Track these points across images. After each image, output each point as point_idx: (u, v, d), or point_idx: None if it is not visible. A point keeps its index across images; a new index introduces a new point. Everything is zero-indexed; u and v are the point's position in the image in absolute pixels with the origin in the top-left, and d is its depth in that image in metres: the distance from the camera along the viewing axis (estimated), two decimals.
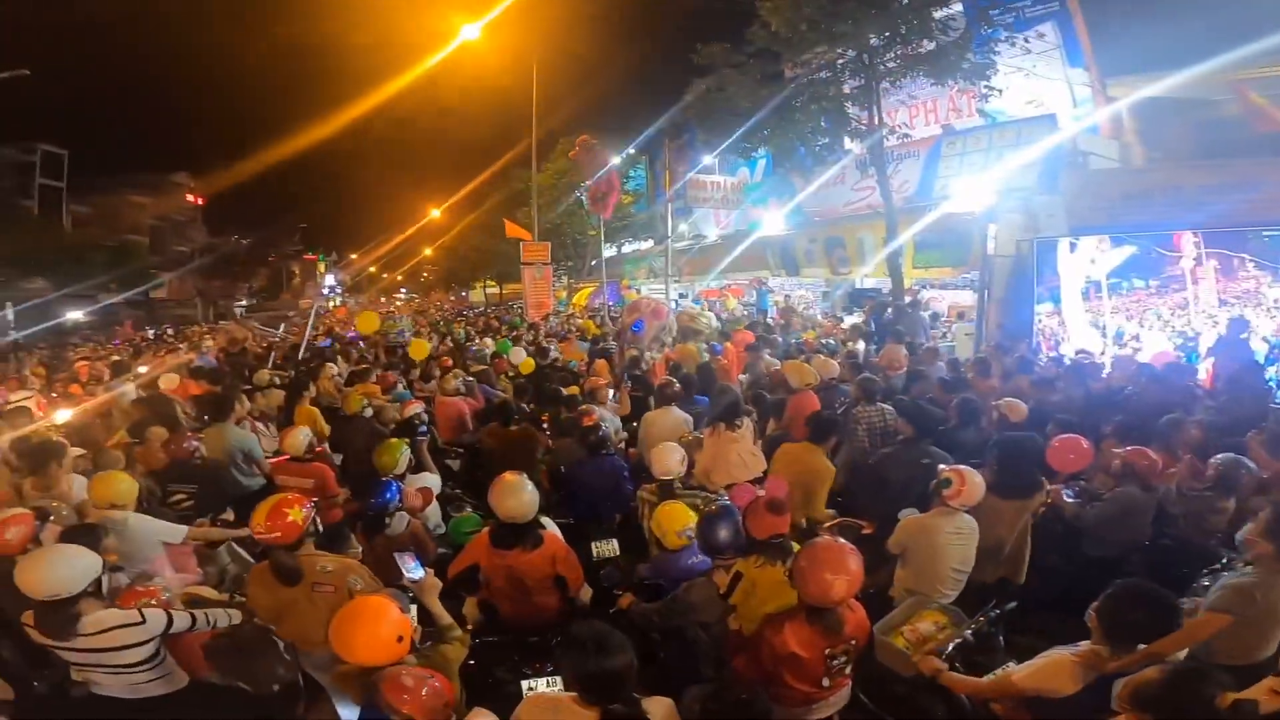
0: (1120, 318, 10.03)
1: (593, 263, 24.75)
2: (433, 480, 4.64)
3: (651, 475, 4.04)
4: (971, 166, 13.03)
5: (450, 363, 8.47)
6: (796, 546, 2.82)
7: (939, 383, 5.83)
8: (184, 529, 3.75)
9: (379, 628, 2.13)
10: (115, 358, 11.47)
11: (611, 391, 6.33)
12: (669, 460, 3.91)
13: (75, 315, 24.10)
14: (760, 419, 5.44)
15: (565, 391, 6.27)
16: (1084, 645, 2.32)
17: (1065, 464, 4.02)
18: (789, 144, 11.89)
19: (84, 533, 3.01)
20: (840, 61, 10.77)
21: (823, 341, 9.19)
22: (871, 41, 10.14)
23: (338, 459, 5.37)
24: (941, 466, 3.43)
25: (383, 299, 50.27)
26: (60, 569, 2.51)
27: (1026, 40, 11.17)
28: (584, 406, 5.36)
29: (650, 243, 25.23)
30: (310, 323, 13.11)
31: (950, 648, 2.71)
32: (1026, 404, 4.77)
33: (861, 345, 8.40)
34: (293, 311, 32.83)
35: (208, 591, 3.43)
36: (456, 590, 3.22)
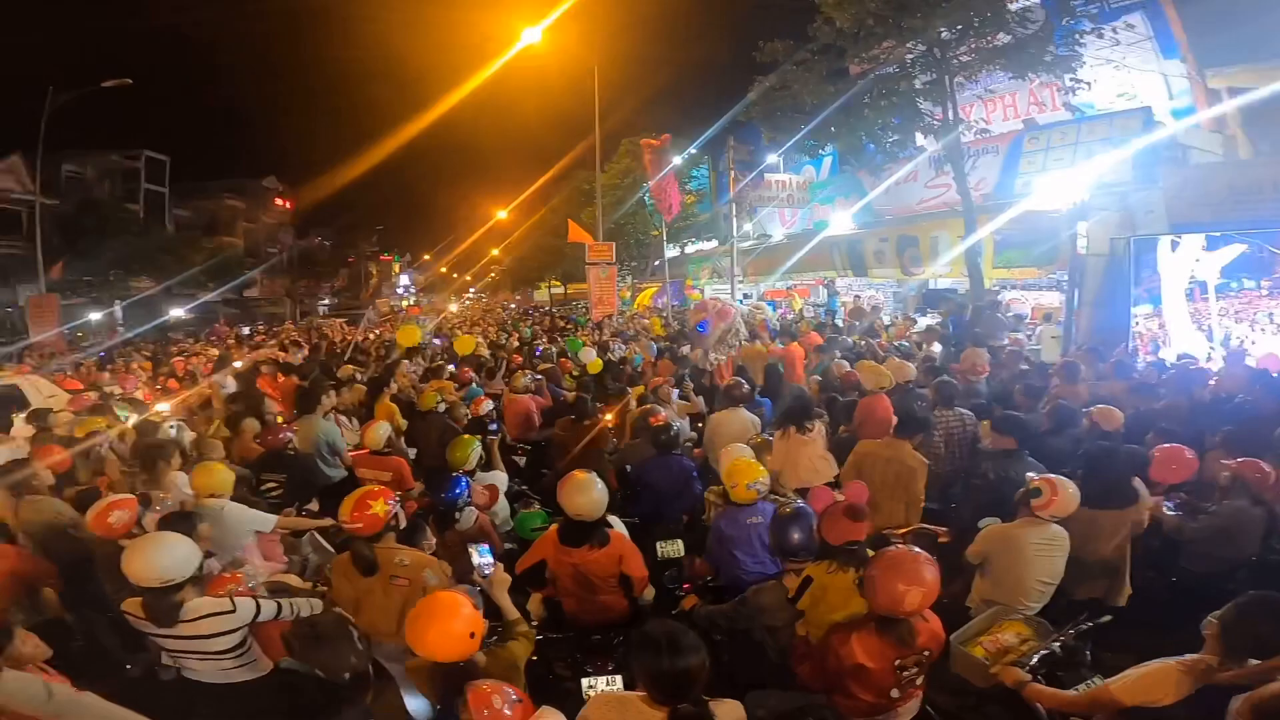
0: (1229, 320, 9.26)
1: (655, 263, 24.80)
2: (501, 478, 4.73)
3: (718, 476, 4.00)
4: (1057, 162, 12.29)
5: (519, 360, 8.67)
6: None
7: (1022, 388, 5.53)
8: (274, 518, 3.92)
9: (452, 623, 2.15)
10: (213, 352, 12.27)
11: (676, 391, 6.33)
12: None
13: (178, 312, 25.93)
14: (830, 422, 5.31)
15: (631, 390, 6.30)
16: (1192, 655, 2.20)
17: (1167, 475, 3.77)
18: (857, 141, 11.56)
19: (181, 519, 3.22)
20: (910, 56, 10.39)
21: (895, 344, 8.89)
22: (942, 35, 9.73)
23: (412, 453, 5.55)
24: (1031, 475, 3.28)
25: (452, 298, 51.91)
26: (166, 556, 2.59)
27: (1115, 31, 10.45)
28: (650, 405, 5.36)
29: (714, 243, 25.06)
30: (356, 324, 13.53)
31: (1035, 659, 2.58)
32: (1124, 411, 4.47)
33: (938, 348, 8.08)
34: (371, 310, 34.33)
35: (293, 579, 3.57)
36: (523, 586, 3.27)
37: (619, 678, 2.94)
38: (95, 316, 22.62)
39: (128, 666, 3.54)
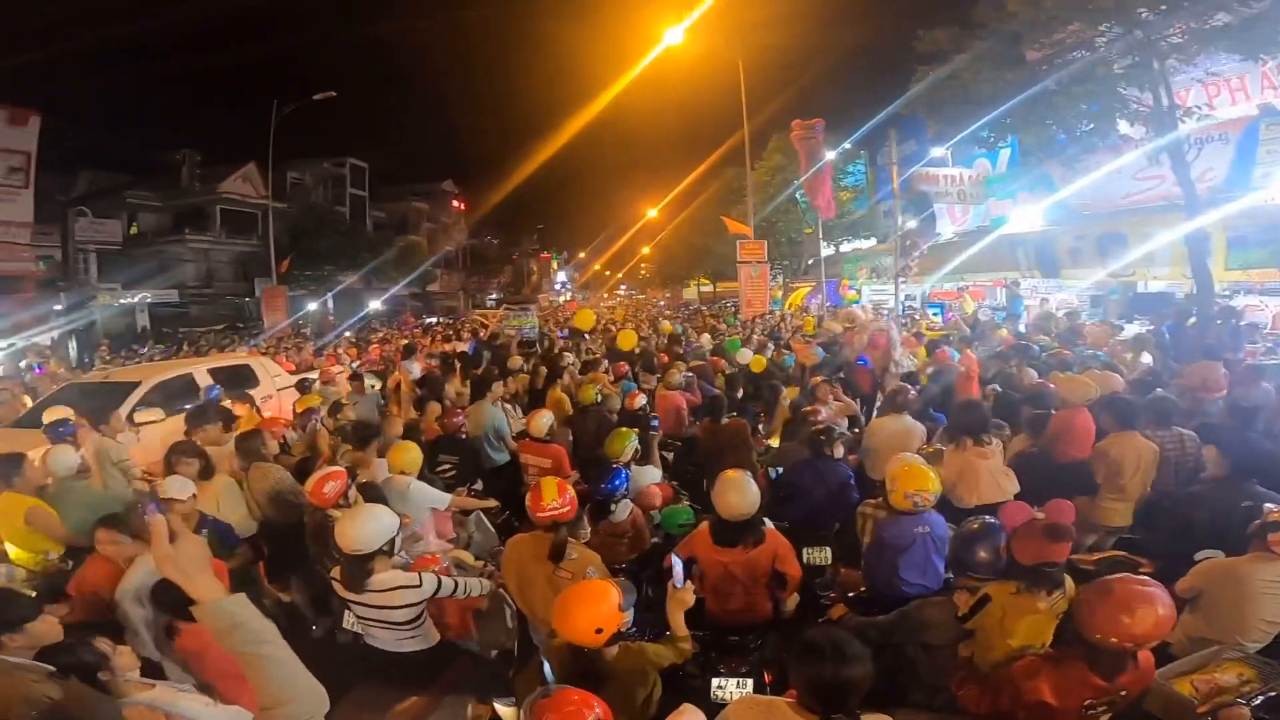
0: None
1: (809, 261, 23.97)
2: (655, 474, 4.77)
3: (876, 486, 3.79)
4: None
5: (667, 358, 8.78)
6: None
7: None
8: (449, 496, 4.25)
9: (585, 610, 2.26)
10: (404, 341, 13.75)
11: (831, 397, 6.06)
12: None
13: (375, 304, 29.43)
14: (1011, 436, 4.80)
15: (785, 392, 6.12)
16: None
17: None
18: (1044, 131, 10.32)
19: (372, 490, 3.60)
20: (1102, 40, 9.07)
21: (1091, 353, 7.82)
22: (1143, 16, 8.40)
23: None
24: (1269, 506, 2.89)
25: (605, 295, 53.97)
26: (368, 526, 2.84)
27: None
28: (809, 408, 5.17)
29: (872, 241, 23.76)
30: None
31: (1258, 700, 2.27)
32: None
33: (1148, 358, 7.00)
34: (533, 305, 36.66)
35: (466, 556, 3.86)
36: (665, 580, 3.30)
37: (750, 681, 2.89)
38: (312, 307, 26.38)
39: (313, 627, 4.02)
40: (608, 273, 58.64)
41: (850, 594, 3.44)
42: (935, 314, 15.68)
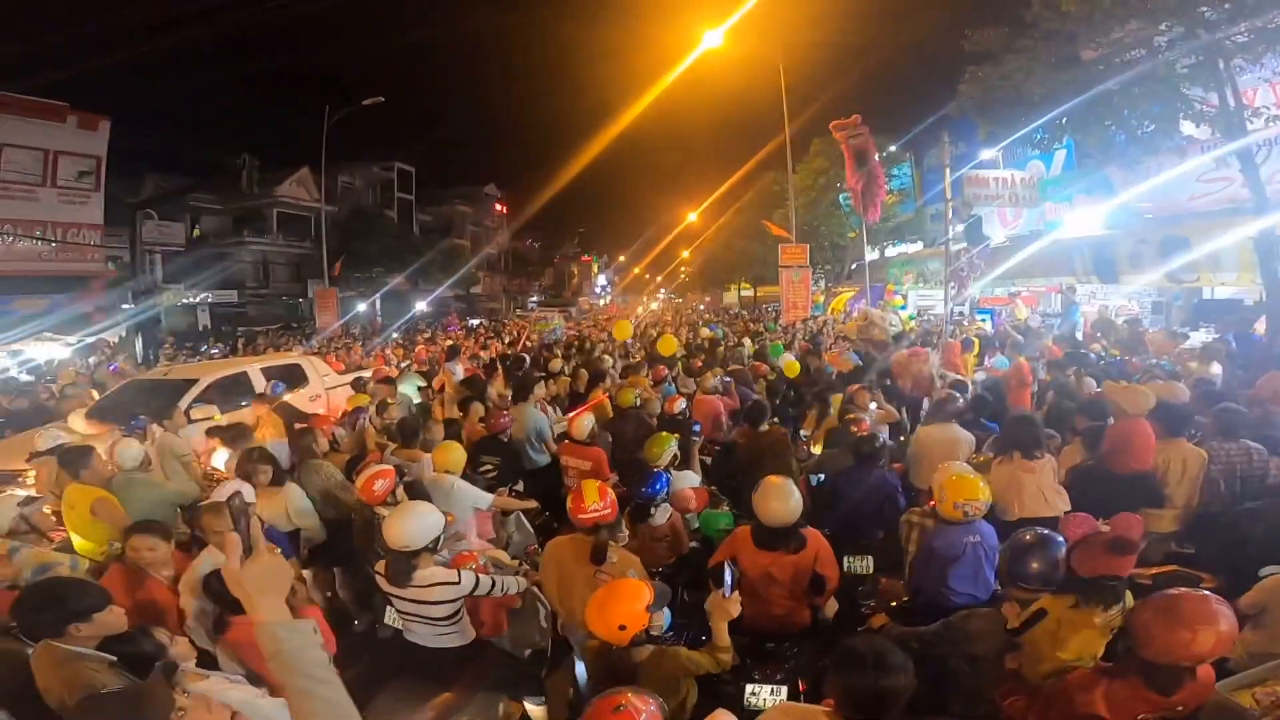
0: None
1: (853, 266, 23.56)
2: (693, 478, 4.75)
3: (919, 494, 3.70)
4: None
5: (700, 363, 8.74)
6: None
7: None
8: (491, 496, 4.30)
9: (612, 606, 2.31)
10: (448, 342, 14.04)
11: (874, 404, 5.95)
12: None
13: (421, 306, 30.14)
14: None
15: (833, 399, 6.04)
16: None
17: None
18: (1103, 133, 9.93)
19: (417, 488, 3.68)
20: (1162, 39, 8.67)
21: (1154, 362, 7.49)
22: (1206, 15, 8.01)
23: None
24: None
25: (645, 298, 54.11)
26: (415, 524, 2.91)
27: None
28: (853, 415, 5.09)
29: (918, 245, 23.21)
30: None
31: None
32: None
33: (1217, 368, 6.66)
34: (574, 308, 37.02)
35: (503, 555, 3.90)
36: (707, 582, 3.29)
37: (784, 689, 2.86)
38: (361, 308, 27.17)
39: (354, 622, 4.12)
40: (647, 276, 58.60)
41: (893, 603, 3.39)
42: (984, 320, 15.23)
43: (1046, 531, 2.78)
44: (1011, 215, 17.88)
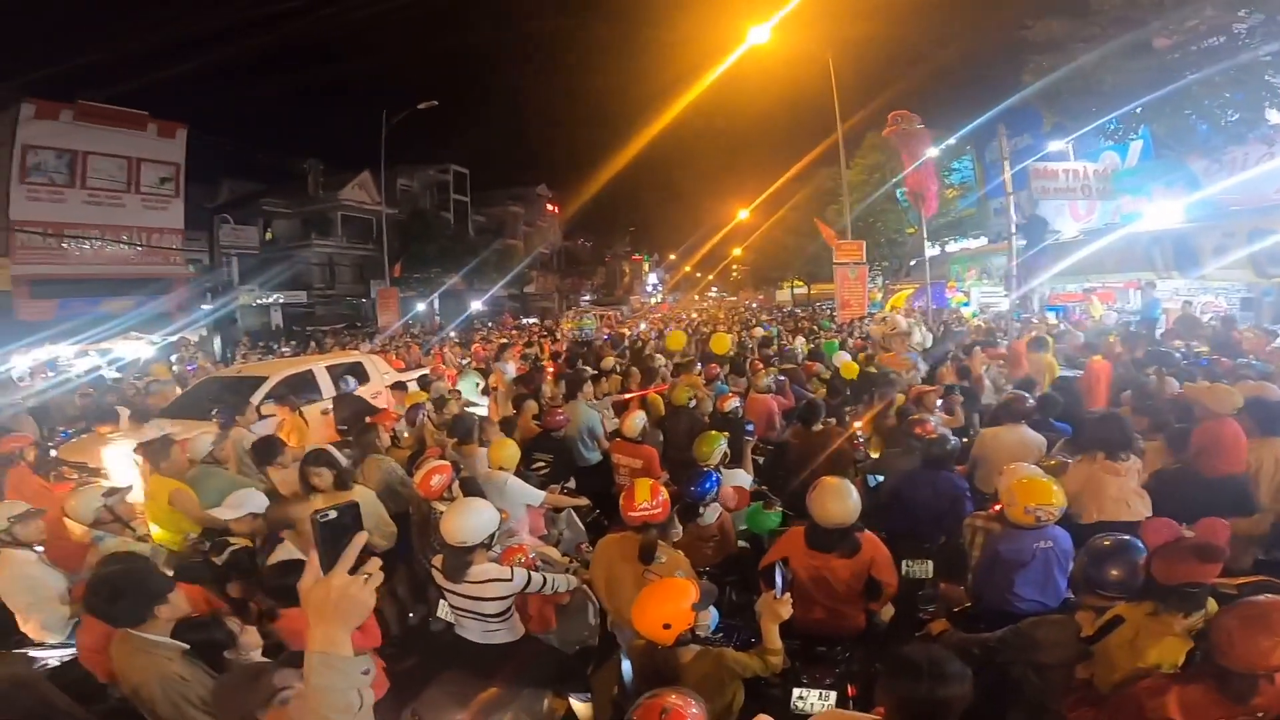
0: None
1: (912, 263, 22.85)
2: (745, 478, 4.70)
3: (983, 497, 3.57)
4: None
5: (760, 364, 8.62)
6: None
7: None
8: (543, 493, 4.35)
9: (658, 606, 2.31)
10: (502, 341, 14.33)
11: (940, 401, 5.75)
12: None
13: (477, 305, 30.84)
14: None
15: (895, 399, 5.86)
16: None
17: None
18: (1182, 122, 9.34)
19: (471, 484, 3.74)
20: (1241, 26, 8.06)
21: (1241, 361, 6.97)
22: None
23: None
24: None
25: (696, 297, 53.91)
26: (472, 520, 2.96)
27: None
28: (917, 416, 4.93)
29: (982, 240, 22.32)
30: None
31: None
32: None
33: None
34: (625, 306, 37.21)
35: (553, 552, 3.93)
36: (755, 582, 3.23)
37: (833, 694, 2.79)
38: (420, 307, 28.00)
39: (409, 615, 4.21)
40: (698, 274, 58.41)
41: (954, 609, 3.28)
42: (1057, 317, 14.52)
43: (1126, 537, 2.67)
44: (1084, 209, 17.02)
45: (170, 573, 2.79)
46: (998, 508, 3.27)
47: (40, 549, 3.44)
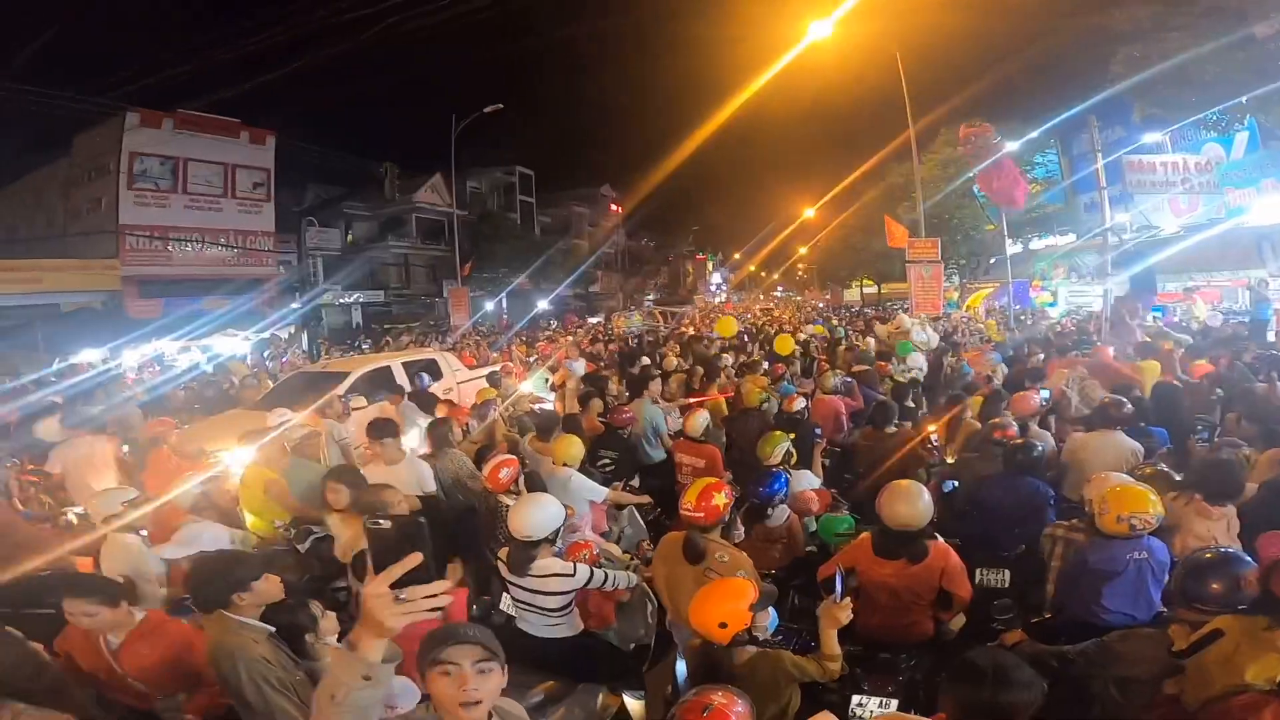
0: None
1: (991, 260, 21.80)
2: (814, 480, 4.64)
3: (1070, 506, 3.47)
4: None
5: (826, 364, 8.45)
6: None
7: None
8: (606, 490, 4.41)
9: (716, 605, 2.31)
10: (568, 338, 14.58)
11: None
12: None
13: (543, 305, 31.45)
14: None
15: (969, 403, 5.63)
16: None
17: None
18: None
19: (535, 479, 3.81)
20: None
21: None
22: None
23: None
24: None
25: (761, 296, 53.21)
26: (539, 514, 3.02)
27: None
28: (996, 420, 4.72)
29: (1070, 237, 21.06)
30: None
31: None
32: None
33: None
34: (689, 306, 37.14)
35: (614, 549, 3.99)
36: (821, 590, 3.17)
37: (894, 703, 2.71)
38: (489, 307, 28.80)
39: (473, 607, 4.33)
40: (763, 273, 57.59)
41: (1033, 620, 3.17)
42: (1157, 317, 13.57)
43: (1229, 550, 2.54)
44: (1185, 203, 15.86)
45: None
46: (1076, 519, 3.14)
47: (145, 532, 3.64)
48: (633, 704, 3.22)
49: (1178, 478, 3.70)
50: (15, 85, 14.77)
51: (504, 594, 3.44)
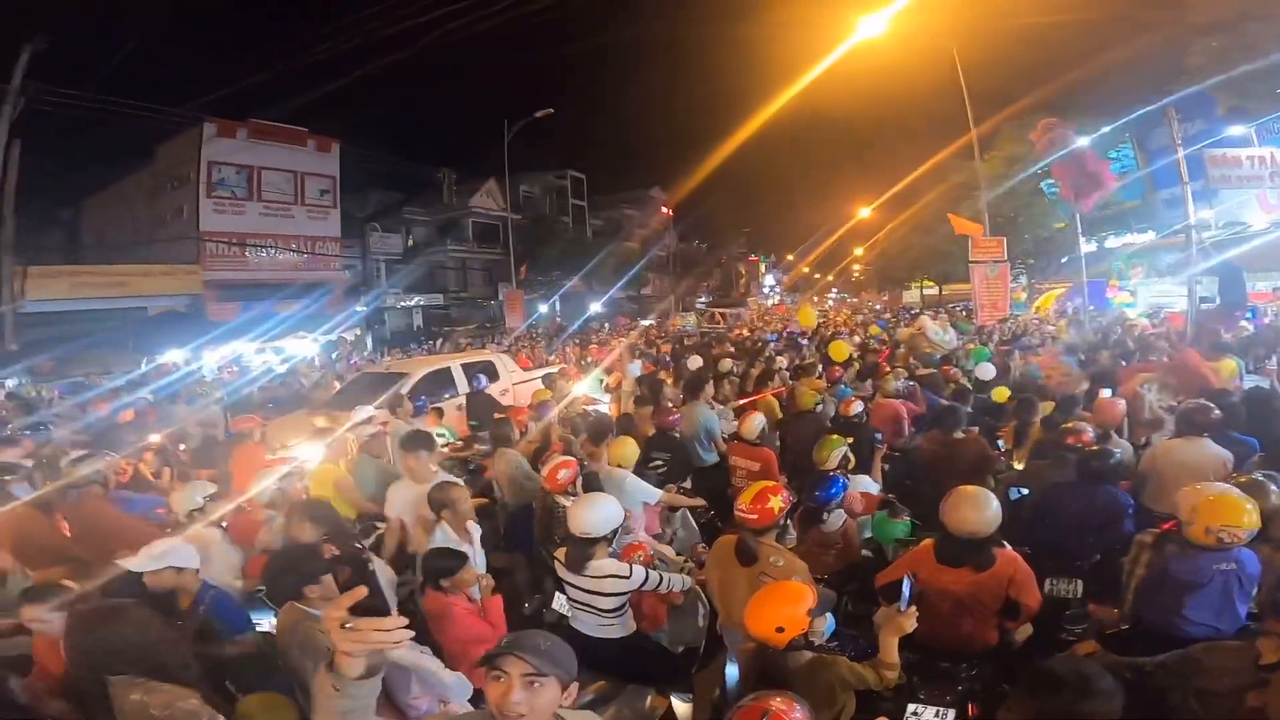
0: None
1: (1063, 260, 20.79)
2: (873, 486, 4.55)
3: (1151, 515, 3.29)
4: None
5: (886, 368, 8.24)
6: None
7: None
8: (660, 492, 4.41)
9: (773, 607, 2.29)
10: (623, 341, 14.68)
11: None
12: None
13: (595, 307, 31.75)
14: None
15: (1039, 408, 5.40)
16: None
17: None
18: None
19: (591, 480, 3.85)
20: None
21: None
22: None
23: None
24: None
25: (815, 298, 52.24)
26: (598, 513, 3.05)
27: None
28: (1068, 425, 4.53)
29: (1149, 234, 19.89)
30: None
31: None
32: None
33: None
34: (742, 308, 36.82)
35: (668, 551, 4.00)
36: (880, 597, 3.11)
37: (951, 713, 2.63)
38: (543, 309, 29.28)
39: (525, 605, 4.40)
40: (817, 275, 56.47)
41: (1107, 631, 3.03)
42: (1248, 322, 12.68)
43: None
44: (1275, 198, 14.81)
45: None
46: (1167, 526, 2.98)
47: (224, 525, 3.87)
48: (680, 706, 3.22)
49: (1275, 487, 3.46)
50: (102, 96, 15.78)
51: (558, 594, 3.47)
